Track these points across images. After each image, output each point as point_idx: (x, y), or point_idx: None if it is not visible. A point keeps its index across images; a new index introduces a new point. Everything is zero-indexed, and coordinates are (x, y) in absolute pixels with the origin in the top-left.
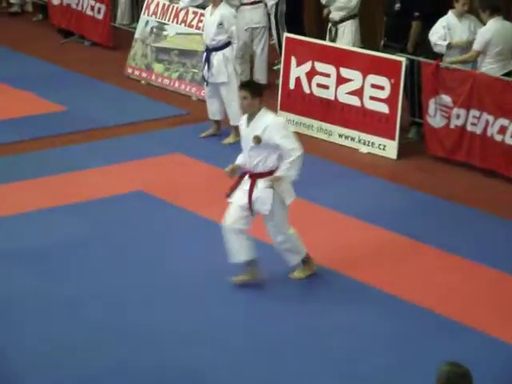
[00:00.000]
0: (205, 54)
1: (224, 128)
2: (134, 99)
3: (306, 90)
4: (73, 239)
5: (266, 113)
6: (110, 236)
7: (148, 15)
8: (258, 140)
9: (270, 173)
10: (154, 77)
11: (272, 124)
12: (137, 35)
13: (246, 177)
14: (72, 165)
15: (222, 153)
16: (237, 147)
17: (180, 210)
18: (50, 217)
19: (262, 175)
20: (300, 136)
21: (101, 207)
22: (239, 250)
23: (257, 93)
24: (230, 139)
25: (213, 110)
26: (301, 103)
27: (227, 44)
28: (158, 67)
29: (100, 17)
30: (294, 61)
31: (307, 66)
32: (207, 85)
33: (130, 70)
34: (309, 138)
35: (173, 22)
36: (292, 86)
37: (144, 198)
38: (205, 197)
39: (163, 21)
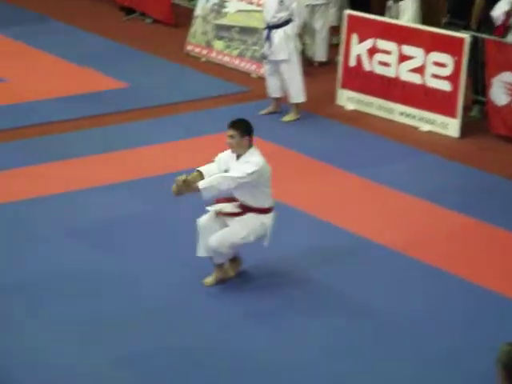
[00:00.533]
0: (265, 31)
1: (284, 105)
2: (194, 76)
3: (367, 67)
4: (131, 216)
5: (254, 153)
6: (168, 213)
7: None
8: None
9: (259, 209)
10: (214, 54)
11: (250, 161)
12: (197, 12)
13: (236, 203)
14: (133, 141)
15: (281, 130)
16: (296, 125)
17: None
18: (110, 192)
19: (251, 209)
20: (360, 114)
21: (161, 184)
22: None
23: (246, 132)
24: (289, 117)
25: (273, 88)
26: (361, 81)
27: (288, 21)
28: (218, 44)
29: None
30: (355, 38)
31: (368, 44)
32: (267, 62)
33: (190, 48)
34: (369, 116)
35: None
36: (353, 63)
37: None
38: None
39: None
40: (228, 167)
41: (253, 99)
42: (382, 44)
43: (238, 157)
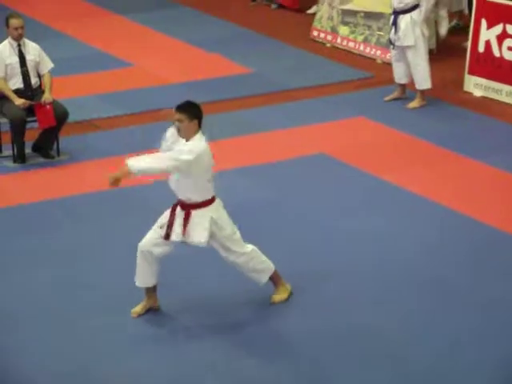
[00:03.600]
0: (392, 16)
1: (409, 92)
2: (319, 62)
3: (496, 53)
4: (254, 200)
5: (201, 139)
6: (292, 198)
7: None
8: None
9: (204, 203)
10: (339, 40)
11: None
12: None
13: (178, 209)
14: (256, 126)
15: (406, 117)
16: (422, 112)
17: (362, 174)
18: (233, 178)
19: (196, 206)
20: (488, 101)
21: (284, 169)
22: (146, 275)
23: (194, 115)
24: (414, 103)
25: (399, 74)
26: (490, 67)
27: (415, 6)
28: (343, 30)
29: None
30: (484, 23)
31: (498, 29)
32: (394, 48)
33: (315, 33)
34: (497, 103)
35: None
36: (481, 49)
37: (326, 161)
38: (388, 161)
39: None
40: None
41: (377, 85)
42: None
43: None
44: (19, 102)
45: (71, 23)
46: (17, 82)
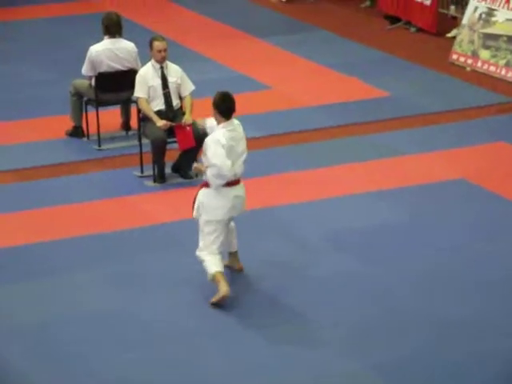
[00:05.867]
0: None
1: None
2: (458, 86)
3: None
4: (392, 224)
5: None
6: (428, 223)
7: (477, 1)
8: None
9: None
10: (479, 63)
11: None
12: (464, 21)
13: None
14: (393, 150)
15: None
16: None
17: (505, 201)
18: (370, 200)
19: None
20: None
21: (421, 194)
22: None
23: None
24: None
25: None
26: None
27: None
28: (484, 54)
29: (428, 2)
30: None
31: None
32: None
33: (455, 57)
34: None
35: (503, 7)
36: None
37: (466, 187)
38: None
39: (493, 6)
40: None
41: None
42: None
43: None
44: (161, 123)
45: (212, 46)
46: (159, 104)
